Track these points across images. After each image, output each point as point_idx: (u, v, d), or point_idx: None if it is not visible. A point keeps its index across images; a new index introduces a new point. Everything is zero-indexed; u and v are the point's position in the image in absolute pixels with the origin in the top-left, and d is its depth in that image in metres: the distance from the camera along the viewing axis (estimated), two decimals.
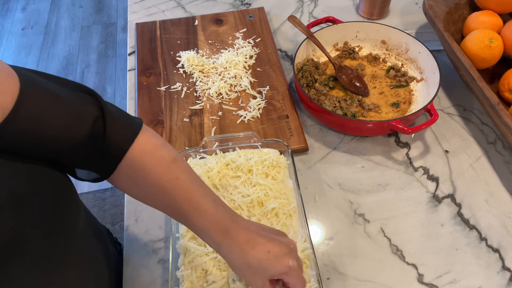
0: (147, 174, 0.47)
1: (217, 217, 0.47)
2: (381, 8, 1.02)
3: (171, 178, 0.47)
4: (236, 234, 0.47)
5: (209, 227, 0.47)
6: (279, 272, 0.46)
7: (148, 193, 0.49)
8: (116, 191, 1.77)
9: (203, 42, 0.96)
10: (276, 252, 0.46)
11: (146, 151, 0.47)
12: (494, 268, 0.64)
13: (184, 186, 0.47)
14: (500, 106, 0.69)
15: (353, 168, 0.76)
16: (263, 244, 0.46)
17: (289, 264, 0.47)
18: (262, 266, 0.46)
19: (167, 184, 0.47)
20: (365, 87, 0.86)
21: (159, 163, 0.47)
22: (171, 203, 0.48)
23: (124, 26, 2.52)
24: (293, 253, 0.48)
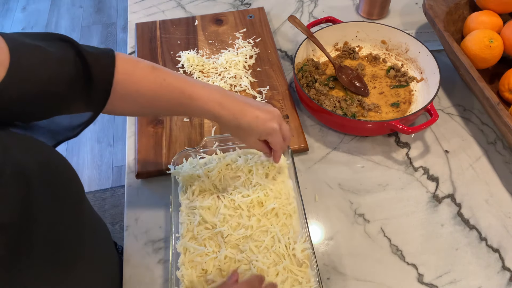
0: (138, 88, 0.53)
1: (211, 98, 0.55)
2: (381, 8, 1.02)
3: (159, 82, 0.54)
4: (229, 106, 0.56)
5: (207, 107, 0.55)
6: (265, 132, 0.58)
7: (145, 105, 0.55)
8: (116, 191, 1.77)
9: (203, 42, 0.96)
10: (262, 117, 0.57)
11: (128, 71, 0.53)
12: (494, 268, 0.64)
13: (173, 84, 0.54)
14: (500, 106, 0.69)
15: (353, 168, 0.76)
16: (252, 111, 0.57)
17: (273, 126, 0.58)
18: (251, 128, 0.57)
19: (159, 89, 0.54)
20: (365, 87, 0.86)
21: (143, 75, 0.54)
22: (169, 102, 0.55)
23: (124, 26, 2.52)
24: (276, 119, 0.58)
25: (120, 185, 1.80)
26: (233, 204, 0.65)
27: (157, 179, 0.74)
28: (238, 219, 0.63)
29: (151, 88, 0.54)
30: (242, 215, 0.63)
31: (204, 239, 0.61)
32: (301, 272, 0.58)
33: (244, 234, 0.61)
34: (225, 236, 0.61)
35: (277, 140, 0.60)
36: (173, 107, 0.56)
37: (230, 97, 0.57)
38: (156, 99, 0.54)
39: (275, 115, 0.59)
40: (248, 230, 0.62)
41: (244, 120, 0.56)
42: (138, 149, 0.76)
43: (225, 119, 0.56)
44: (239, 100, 0.57)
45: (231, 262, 0.59)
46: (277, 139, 0.59)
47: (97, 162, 1.90)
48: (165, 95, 0.54)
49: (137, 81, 0.53)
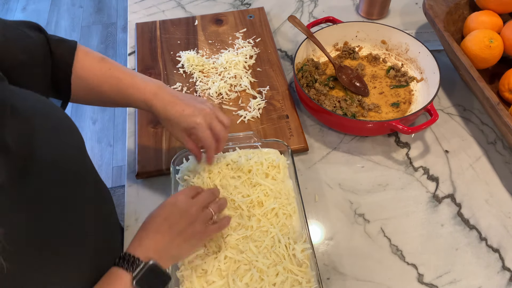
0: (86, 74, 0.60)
1: (147, 88, 0.60)
2: (381, 8, 1.02)
3: (104, 70, 0.60)
4: (162, 96, 0.60)
5: (142, 96, 0.60)
6: (188, 126, 0.60)
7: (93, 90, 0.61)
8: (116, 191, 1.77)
9: (203, 42, 0.96)
10: (189, 112, 0.60)
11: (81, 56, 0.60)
12: (494, 268, 0.64)
13: (115, 74, 0.61)
14: (500, 106, 0.69)
15: (353, 168, 0.76)
16: (181, 105, 0.60)
17: (196, 121, 0.59)
18: (177, 121, 0.60)
19: (102, 77, 0.60)
20: (365, 87, 0.86)
21: (92, 63, 0.61)
22: (110, 90, 0.60)
23: (124, 26, 2.52)
24: (203, 116, 0.60)
25: (120, 185, 1.80)
26: (233, 204, 0.65)
27: (157, 179, 0.74)
28: (238, 219, 0.63)
29: (96, 75, 0.60)
30: (242, 215, 0.63)
31: None
32: (301, 272, 0.58)
33: (244, 234, 0.61)
34: (225, 236, 0.61)
35: (202, 135, 0.60)
36: (115, 95, 0.61)
37: (166, 90, 0.61)
38: (100, 85, 0.60)
39: (205, 112, 0.60)
40: (248, 230, 0.62)
41: (171, 112, 0.59)
42: (138, 149, 0.76)
43: (156, 108, 0.60)
44: (174, 94, 0.61)
45: (231, 262, 0.59)
46: (202, 134, 0.60)
47: (97, 162, 1.90)
48: (107, 82, 0.60)
49: (86, 67, 0.60)
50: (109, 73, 0.60)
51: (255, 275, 0.57)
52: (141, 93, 0.60)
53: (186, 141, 0.63)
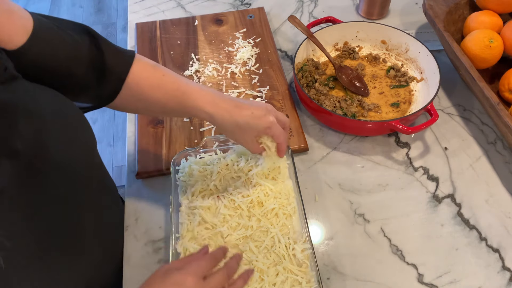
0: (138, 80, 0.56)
1: (203, 94, 0.56)
2: (381, 8, 1.02)
3: (158, 76, 0.57)
4: (223, 104, 0.56)
5: (200, 104, 0.56)
6: (263, 127, 0.57)
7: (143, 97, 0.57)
8: None
9: (203, 42, 0.96)
10: (258, 112, 0.57)
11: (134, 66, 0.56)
12: (494, 268, 0.64)
13: (170, 79, 0.57)
14: (500, 106, 0.69)
15: (353, 168, 0.76)
16: (247, 107, 0.57)
17: (270, 119, 0.57)
18: (249, 125, 0.57)
19: (156, 82, 0.57)
20: (365, 87, 0.86)
21: (145, 68, 0.57)
22: (164, 96, 0.57)
23: (124, 26, 2.52)
24: (270, 112, 0.58)
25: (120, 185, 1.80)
26: (233, 204, 0.65)
27: (157, 179, 0.74)
28: (238, 219, 0.63)
29: (149, 81, 0.56)
30: (242, 215, 0.63)
31: (204, 239, 0.61)
32: (301, 272, 0.58)
33: (244, 234, 0.61)
34: (225, 236, 0.61)
35: (278, 132, 0.59)
36: (168, 102, 0.57)
37: (222, 96, 0.58)
38: (153, 92, 0.57)
39: (269, 109, 0.59)
40: (248, 230, 0.62)
41: (240, 117, 0.56)
42: (138, 149, 0.76)
43: (220, 117, 0.56)
44: (231, 99, 0.58)
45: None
46: (278, 130, 0.59)
47: None
48: (161, 89, 0.56)
49: (137, 74, 0.56)
50: (163, 79, 0.57)
51: (255, 275, 0.57)
52: (200, 102, 0.56)
53: (256, 145, 0.61)
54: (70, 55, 0.50)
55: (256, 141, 0.60)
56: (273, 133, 0.59)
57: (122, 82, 0.55)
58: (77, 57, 0.51)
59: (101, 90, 0.55)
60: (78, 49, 0.51)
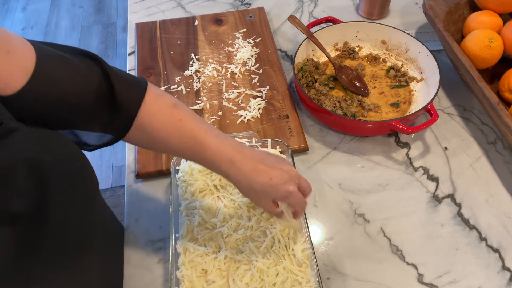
0: (153, 122, 0.51)
1: (221, 149, 0.52)
2: (381, 8, 1.02)
3: (174, 120, 0.51)
4: (241, 164, 0.51)
5: (216, 159, 0.51)
6: (280, 196, 0.53)
7: (157, 140, 0.53)
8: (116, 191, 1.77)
9: (203, 42, 0.96)
10: (277, 179, 0.52)
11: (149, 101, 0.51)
12: (494, 268, 0.64)
13: (187, 126, 0.52)
14: (500, 106, 0.69)
15: (353, 168, 0.76)
16: (266, 172, 0.52)
17: (289, 189, 0.52)
18: (265, 191, 0.52)
19: (172, 127, 0.51)
20: (365, 87, 0.86)
21: (162, 109, 0.52)
22: (180, 144, 0.52)
23: (124, 26, 2.52)
24: (293, 180, 0.53)
25: (120, 185, 1.80)
26: (233, 204, 0.65)
27: (157, 179, 0.74)
28: (238, 219, 0.63)
29: (165, 125, 0.51)
30: (242, 215, 0.63)
31: (204, 239, 0.61)
32: (301, 272, 0.58)
33: (244, 234, 0.61)
34: (225, 236, 0.61)
35: (296, 201, 0.54)
36: (183, 150, 0.53)
37: (242, 152, 0.52)
38: (168, 137, 0.52)
39: (291, 175, 0.53)
40: (248, 230, 0.62)
41: (256, 182, 0.51)
42: (138, 149, 0.76)
43: (235, 179, 0.52)
44: (252, 156, 0.53)
45: (231, 262, 0.59)
46: (296, 200, 0.54)
47: (97, 162, 1.90)
48: (177, 135, 0.52)
49: (154, 114, 0.51)
50: (179, 124, 0.51)
51: (255, 275, 0.57)
52: (217, 157, 0.52)
53: (272, 209, 0.55)
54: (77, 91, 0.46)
55: (272, 204, 0.55)
56: (291, 202, 0.55)
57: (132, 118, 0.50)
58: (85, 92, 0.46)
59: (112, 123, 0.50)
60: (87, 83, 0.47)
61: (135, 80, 0.51)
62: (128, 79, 0.51)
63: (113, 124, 0.50)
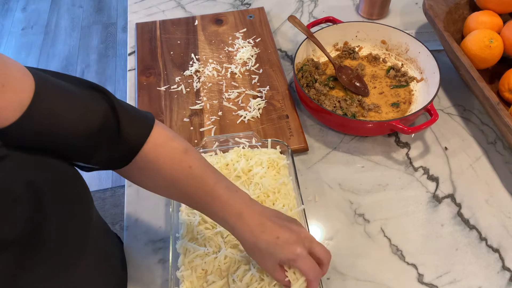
0: (160, 166, 0.49)
1: (230, 202, 0.49)
2: (381, 8, 1.02)
3: (184, 167, 0.49)
4: (248, 218, 0.49)
5: (223, 212, 0.49)
6: (286, 257, 0.48)
7: (161, 184, 0.51)
8: (116, 191, 1.77)
9: (203, 42, 0.96)
10: (285, 238, 0.48)
11: (159, 144, 0.49)
12: (494, 268, 0.64)
13: (196, 174, 0.49)
14: (500, 106, 0.69)
15: (353, 168, 0.76)
16: (274, 229, 0.48)
17: (296, 251, 0.48)
18: (270, 251, 0.48)
19: (180, 175, 0.49)
20: (365, 87, 0.86)
21: (171, 155, 0.49)
22: (185, 192, 0.50)
23: (124, 26, 2.52)
24: (302, 241, 0.49)
25: (120, 185, 1.80)
26: None
27: None
28: None
29: (173, 171, 0.49)
30: None
31: (204, 239, 0.61)
32: None
33: None
34: (225, 236, 0.61)
35: (305, 267, 0.49)
36: (190, 199, 0.51)
37: (251, 207, 0.50)
38: (175, 184, 0.50)
39: (302, 236, 0.50)
40: None
41: (261, 238, 0.48)
42: None
43: (240, 234, 0.49)
44: (261, 212, 0.50)
45: (231, 262, 0.59)
46: (305, 265, 0.49)
47: None
48: (184, 182, 0.49)
49: (161, 158, 0.49)
50: (189, 171, 0.49)
51: (255, 275, 0.57)
52: (224, 210, 0.49)
53: (278, 273, 0.50)
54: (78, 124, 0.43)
55: (279, 268, 0.50)
56: (300, 267, 0.49)
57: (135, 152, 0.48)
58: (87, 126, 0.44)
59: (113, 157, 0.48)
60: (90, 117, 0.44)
61: (142, 115, 0.49)
62: (136, 113, 0.49)
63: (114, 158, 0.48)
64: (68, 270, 0.45)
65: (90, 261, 0.49)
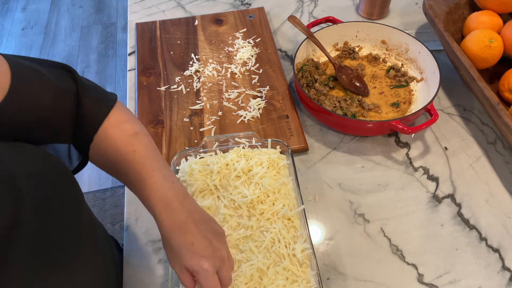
0: (108, 145, 0.50)
1: (161, 191, 0.49)
2: (381, 8, 1.02)
3: (128, 151, 0.50)
4: (174, 213, 0.49)
5: (153, 200, 0.49)
6: (191, 267, 0.48)
7: (108, 163, 0.52)
8: (116, 191, 1.77)
9: (203, 42, 0.96)
10: (198, 249, 0.48)
11: (112, 124, 0.51)
12: (494, 268, 0.64)
13: (138, 159, 0.50)
14: (500, 106, 0.69)
15: (353, 168, 0.76)
16: (192, 235, 0.48)
17: (203, 266, 0.48)
18: (179, 254, 0.48)
19: (123, 157, 0.50)
20: (365, 87, 0.86)
21: (120, 137, 0.50)
22: (125, 173, 0.51)
23: (124, 26, 2.52)
24: (214, 259, 0.49)
25: (120, 185, 1.80)
26: (233, 204, 0.65)
27: None
28: (238, 219, 0.63)
29: (117, 153, 0.50)
30: (242, 215, 0.63)
31: None
32: (301, 272, 0.58)
33: (244, 234, 0.61)
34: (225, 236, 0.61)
35: (206, 284, 0.48)
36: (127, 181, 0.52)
37: (183, 204, 0.50)
38: (116, 165, 0.51)
39: (216, 255, 0.49)
40: (248, 230, 0.62)
41: (176, 238, 0.48)
42: None
43: (161, 224, 0.49)
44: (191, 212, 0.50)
45: None
46: (206, 282, 0.48)
47: None
48: (125, 164, 0.50)
49: (110, 139, 0.50)
50: (131, 156, 0.50)
51: (255, 275, 0.57)
52: (154, 198, 0.49)
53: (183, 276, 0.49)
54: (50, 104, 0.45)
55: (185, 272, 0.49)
56: (200, 281, 0.48)
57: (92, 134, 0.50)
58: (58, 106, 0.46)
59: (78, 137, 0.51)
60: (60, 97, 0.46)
61: (104, 96, 0.51)
62: (98, 94, 0.50)
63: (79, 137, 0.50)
64: (56, 269, 0.43)
65: (83, 266, 0.47)
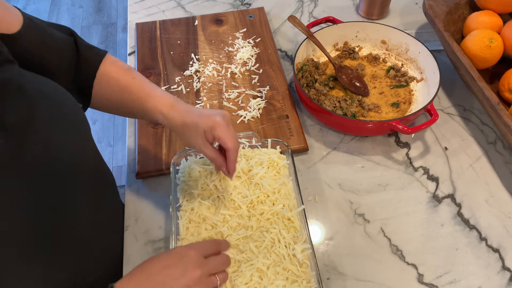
0: (111, 77, 0.61)
1: (164, 98, 0.61)
2: (381, 8, 1.02)
3: (128, 78, 0.62)
4: (178, 107, 0.60)
5: (159, 106, 0.60)
6: (207, 125, 0.57)
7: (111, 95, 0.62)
8: None
9: (203, 42, 0.96)
10: (206, 113, 0.59)
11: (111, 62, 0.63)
12: (494, 268, 0.64)
13: (137, 82, 0.62)
14: (500, 106, 0.69)
15: (353, 168, 0.76)
16: (198, 111, 0.59)
17: (216, 119, 0.57)
18: (194, 124, 0.58)
19: (126, 83, 0.61)
20: (365, 87, 0.86)
21: (119, 70, 0.63)
22: (127, 97, 0.61)
23: (124, 26, 2.52)
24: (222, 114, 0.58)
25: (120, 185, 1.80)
26: (233, 204, 0.65)
27: (157, 179, 0.74)
28: (238, 219, 0.63)
29: (120, 81, 0.62)
30: (242, 215, 0.63)
31: (204, 240, 0.61)
32: (301, 272, 0.58)
33: (244, 234, 0.61)
34: (225, 236, 0.61)
35: (224, 133, 0.57)
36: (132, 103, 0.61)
37: (180, 102, 0.61)
38: (120, 93, 0.62)
39: (222, 113, 0.59)
40: (248, 230, 0.62)
41: (187, 117, 0.58)
42: (138, 149, 0.76)
43: (171, 118, 0.59)
44: (190, 106, 0.61)
45: (231, 262, 0.59)
46: (224, 132, 0.57)
47: None
48: (128, 88, 0.61)
49: (112, 72, 0.62)
50: (131, 81, 0.62)
51: (255, 275, 0.57)
52: (158, 102, 0.60)
53: (207, 147, 0.58)
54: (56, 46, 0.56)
55: (208, 144, 0.59)
56: (219, 135, 0.57)
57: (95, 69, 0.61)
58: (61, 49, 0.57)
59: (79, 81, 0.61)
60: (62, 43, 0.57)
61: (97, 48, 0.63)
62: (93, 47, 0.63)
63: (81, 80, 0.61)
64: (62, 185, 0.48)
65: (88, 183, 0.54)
